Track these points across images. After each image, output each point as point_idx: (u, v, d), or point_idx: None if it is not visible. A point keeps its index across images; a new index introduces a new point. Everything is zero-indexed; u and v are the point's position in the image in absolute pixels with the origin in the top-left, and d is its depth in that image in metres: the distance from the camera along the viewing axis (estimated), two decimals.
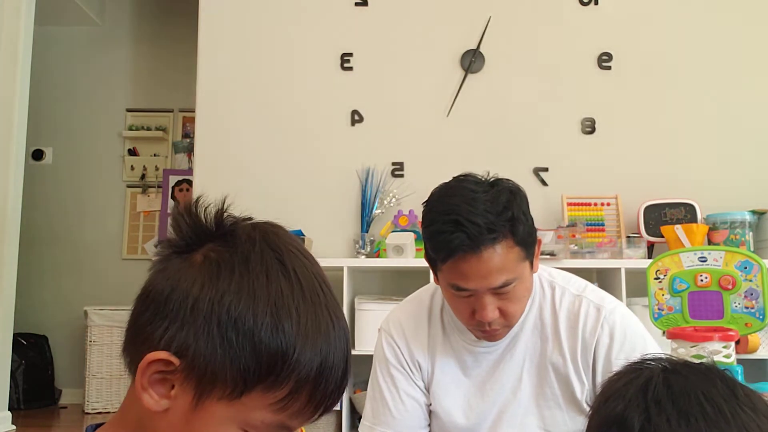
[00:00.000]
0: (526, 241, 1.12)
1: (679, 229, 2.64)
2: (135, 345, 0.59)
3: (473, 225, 1.06)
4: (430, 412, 1.27)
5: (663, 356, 0.62)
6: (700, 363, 0.60)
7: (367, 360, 3.00)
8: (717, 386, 0.57)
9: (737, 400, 0.56)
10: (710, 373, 0.58)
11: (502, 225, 1.08)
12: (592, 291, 1.24)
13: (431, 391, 1.25)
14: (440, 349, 1.26)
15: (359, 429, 1.32)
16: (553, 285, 1.24)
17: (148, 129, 4.33)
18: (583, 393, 1.18)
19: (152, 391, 0.56)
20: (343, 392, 0.61)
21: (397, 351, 1.27)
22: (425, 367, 1.26)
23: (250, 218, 0.64)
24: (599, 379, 1.16)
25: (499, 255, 1.08)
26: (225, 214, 0.62)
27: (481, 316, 1.13)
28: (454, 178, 1.18)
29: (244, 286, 0.56)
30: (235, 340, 0.55)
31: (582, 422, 1.17)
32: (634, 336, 1.19)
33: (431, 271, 1.22)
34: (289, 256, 0.59)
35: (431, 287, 1.33)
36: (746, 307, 1.96)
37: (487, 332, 1.17)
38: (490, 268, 1.08)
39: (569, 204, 2.86)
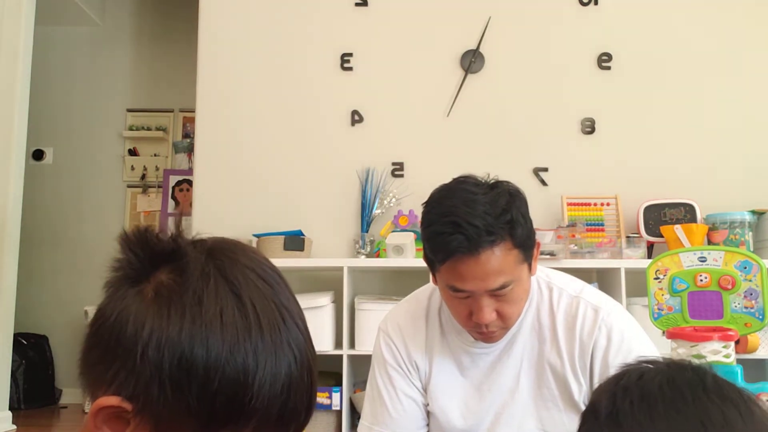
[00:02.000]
0: (525, 244, 1.12)
1: (678, 229, 2.64)
2: (89, 377, 0.56)
3: (472, 227, 1.06)
4: (428, 413, 1.27)
5: (658, 358, 0.64)
6: (685, 360, 0.62)
7: (367, 360, 3.00)
8: (685, 374, 0.59)
9: (704, 388, 0.57)
10: (686, 365, 0.60)
11: (501, 227, 1.08)
12: (590, 292, 1.23)
13: (429, 391, 1.25)
14: (438, 350, 1.26)
15: (358, 429, 1.32)
16: (550, 286, 1.24)
17: (149, 129, 4.34)
18: (581, 394, 1.18)
19: (107, 429, 0.54)
20: (306, 424, 0.59)
21: (394, 351, 1.27)
22: (423, 367, 1.26)
23: (203, 240, 0.59)
24: (596, 381, 1.16)
25: (498, 257, 1.08)
26: (178, 237, 0.58)
27: (478, 318, 1.13)
28: (454, 179, 1.18)
29: (197, 333, 0.52)
30: (188, 389, 0.52)
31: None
32: (631, 338, 1.19)
33: (429, 272, 1.21)
34: (247, 286, 0.55)
35: (429, 287, 1.33)
36: (746, 307, 1.96)
37: (484, 334, 1.17)
38: (487, 270, 1.08)
39: (569, 204, 2.86)
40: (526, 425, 1.19)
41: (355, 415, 2.71)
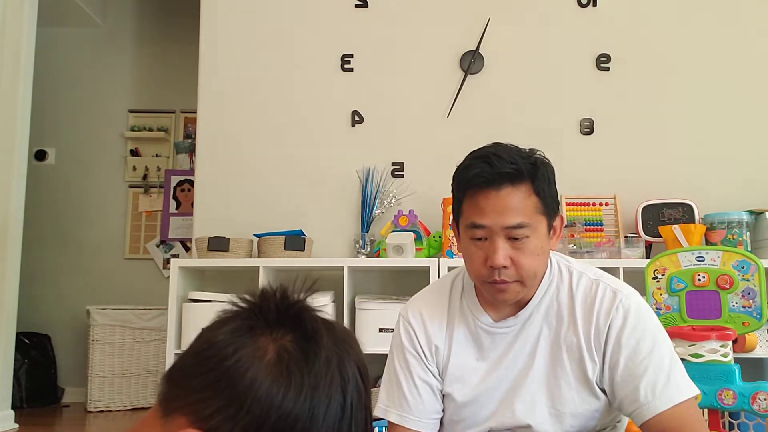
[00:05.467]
0: (546, 199, 1.18)
1: (676, 229, 2.66)
2: (179, 396, 0.59)
3: (496, 157, 1.15)
4: (444, 396, 1.30)
5: None
6: None
7: (368, 359, 3.01)
8: None
9: None
10: None
11: (524, 165, 1.16)
12: (609, 277, 1.27)
13: (447, 372, 1.28)
14: (457, 332, 1.29)
15: (375, 411, 1.35)
16: (570, 270, 1.28)
17: (150, 130, 4.36)
18: (594, 373, 1.20)
19: None
20: None
21: (412, 336, 1.30)
22: (442, 348, 1.29)
23: (332, 324, 0.64)
24: (608, 359, 1.18)
25: (517, 197, 1.15)
26: (316, 316, 0.63)
27: (492, 261, 1.15)
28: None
29: (304, 411, 0.57)
30: None
31: (591, 402, 1.19)
32: (647, 321, 1.20)
33: (454, 234, 1.27)
34: (352, 385, 0.62)
35: (453, 273, 1.37)
36: (743, 307, 1.97)
37: (497, 284, 1.18)
38: (506, 205, 1.14)
39: (568, 204, 2.88)
40: (538, 402, 1.21)
41: None
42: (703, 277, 2.00)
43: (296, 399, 0.57)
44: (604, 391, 1.21)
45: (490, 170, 1.15)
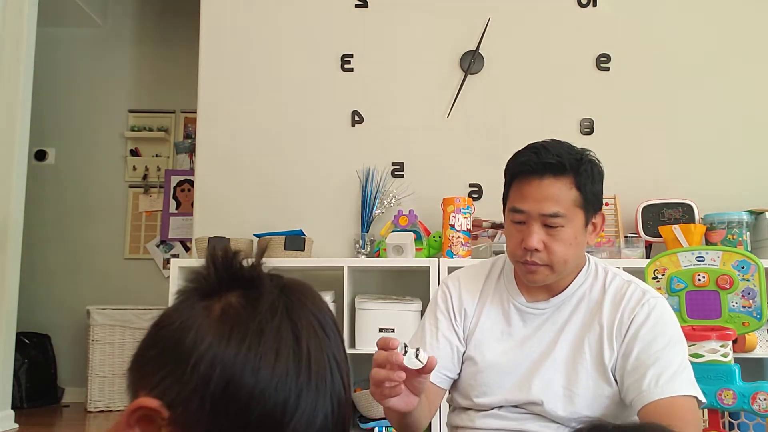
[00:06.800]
0: (587, 194, 1.26)
1: (676, 229, 2.66)
2: (137, 374, 0.58)
3: (544, 149, 1.26)
4: (464, 363, 1.37)
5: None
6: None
7: (367, 359, 3.02)
8: None
9: None
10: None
11: (569, 160, 1.24)
12: (641, 282, 1.35)
13: (472, 338, 1.36)
14: (489, 302, 1.38)
15: None
16: (606, 270, 1.37)
17: (150, 130, 4.36)
18: (611, 360, 1.26)
19: (138, 430, 0.55)
20: None
21: (447, 298, 1.41)
22: (471, 315, 1.38)
23: (279, 276, 0.61)
24: (624, 348, 1.25)
25: (557, 188, 1.24)
26: (258, 267, 0.61)
27: (526, 243, 1.25)
28: None
29: (250, 361, 0.54)
30: (227, 413, 0.53)
31: (603, 388, 1.25)
32: (668, 322, 1.26)
33: (503, 213, 1.35)
34: (308, 331, 0.58)
35: (494, 257, 1.48)
36: (743, 307, 1.97)
37: (528, 265, 1.27)
38: (546, 194, 1.24)
39: None
40: (555, 382, 1.27)
41: (355, 413, 2.72)
42: (703, 277, 2.00)
43: (239, 347, 0.54)
44: (617, 380, 1.27)
45: (536, 160, 1.24)
